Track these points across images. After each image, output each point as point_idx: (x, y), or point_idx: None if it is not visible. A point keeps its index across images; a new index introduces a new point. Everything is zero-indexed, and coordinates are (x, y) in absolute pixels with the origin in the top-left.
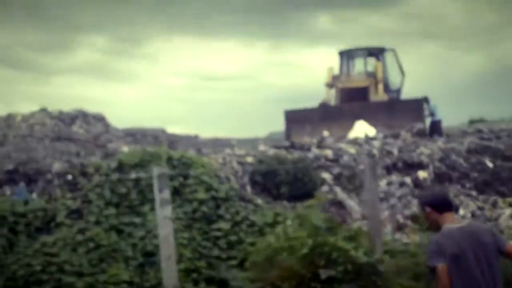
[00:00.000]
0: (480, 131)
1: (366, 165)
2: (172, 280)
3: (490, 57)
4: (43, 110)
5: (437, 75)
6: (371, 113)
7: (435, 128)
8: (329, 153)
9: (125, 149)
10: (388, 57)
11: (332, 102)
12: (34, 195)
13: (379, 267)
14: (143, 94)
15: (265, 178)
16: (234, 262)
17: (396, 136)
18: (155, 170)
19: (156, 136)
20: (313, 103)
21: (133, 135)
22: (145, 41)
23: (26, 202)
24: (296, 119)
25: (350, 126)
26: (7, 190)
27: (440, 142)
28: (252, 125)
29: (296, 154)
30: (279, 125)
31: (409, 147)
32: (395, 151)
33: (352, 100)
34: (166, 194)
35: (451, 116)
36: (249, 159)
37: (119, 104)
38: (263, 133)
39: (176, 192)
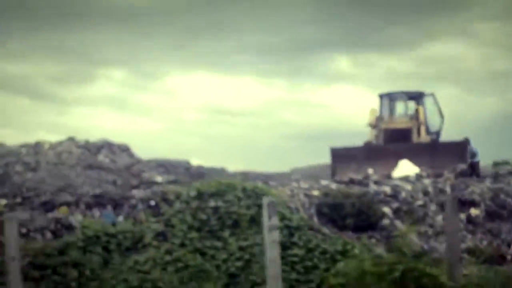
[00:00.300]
0: (511, 173)
1: (448, 200)
2: None
3: (506, 100)
4: (71, 139)
5: (454, 117)
6: (414, 154)
7: (474, 169)
8: (387, 189)
9: (159, 178)
10: (427, 100)
11: (374, 141)
12: (121, 218)
13: None
14: (161, 127)
15: (331, 210)
16: (312, 285)
17: (439, 176)
18: (265, 200)
19: (187, 167)
20: (331, 141)
21: (164, 166)
22: (163, 76)
23: (114, 224)
24: (342, 156)
25: (393, 165)
26: (96, 213)
27: (487, 182)
28: (271, 160)
29: (356, 189)
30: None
31: (458, 186)
32: (448, 189)
33: (395, 141)
34: (275, 220)
35: None
36: (315, 192)
37: (138, 136)
38: (284, 168)
39: (252, 220)
